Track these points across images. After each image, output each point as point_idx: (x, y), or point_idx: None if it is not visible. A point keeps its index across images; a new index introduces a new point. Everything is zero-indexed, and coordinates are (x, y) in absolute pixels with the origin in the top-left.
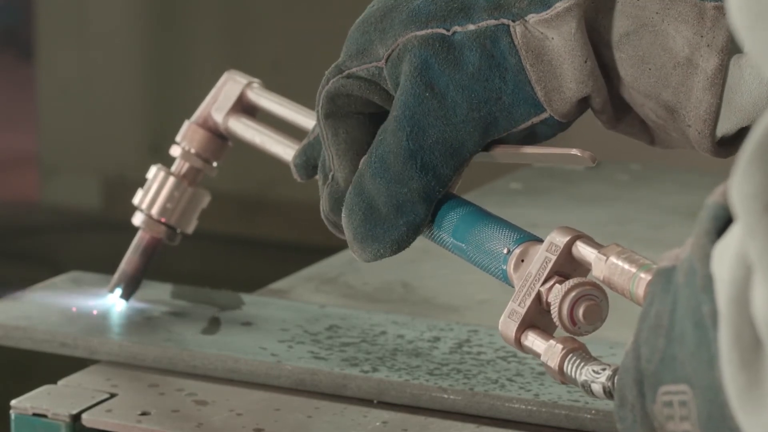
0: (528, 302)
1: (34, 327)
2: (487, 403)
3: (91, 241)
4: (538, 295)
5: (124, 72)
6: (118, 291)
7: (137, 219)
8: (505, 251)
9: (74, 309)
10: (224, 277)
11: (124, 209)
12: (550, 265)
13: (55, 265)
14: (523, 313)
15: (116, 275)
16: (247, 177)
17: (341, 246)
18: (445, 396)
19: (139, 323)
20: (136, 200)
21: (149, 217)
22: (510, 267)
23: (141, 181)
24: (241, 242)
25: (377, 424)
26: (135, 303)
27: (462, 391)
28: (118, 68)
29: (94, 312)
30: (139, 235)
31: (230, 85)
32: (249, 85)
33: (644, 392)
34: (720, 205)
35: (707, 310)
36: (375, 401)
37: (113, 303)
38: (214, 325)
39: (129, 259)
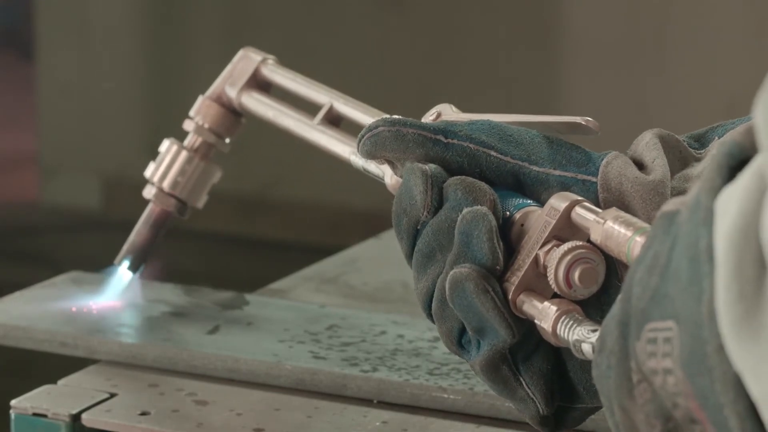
0: (526, 265)
1: (34, 327)
2: (487, 403)
3: (91, 241)
4: (536, 258)
5: (124, 72)
6: (126, 263)
7: (148, 192)
8: (506, 215)
9: (74, 309)
10: (224, 277)
11: (124, 209)
12: (549, 229)
13: (55, 265)
14: (520, 276)
15: (125, 247)
16: (247, 177)
17: (341, 246)
18: (445, 396)
19: (139, 323)
20: (147, 173)
21: (160, 190)
22: (510, 231)
23: (141, 181)
24: (241, 242)
25: (377, 424)
26: (135, 303)
27: (462, 391)
28: (118, 68)
29: (94, 312)
30: (149, 207)
31: (245, 61)
32: (264, 61)
33: (628, 333)
34: (738, 144)
35: (704, 244)
36: (375, 401)
37: (121, 275)
38: (214, 325)
39: (138, 231)
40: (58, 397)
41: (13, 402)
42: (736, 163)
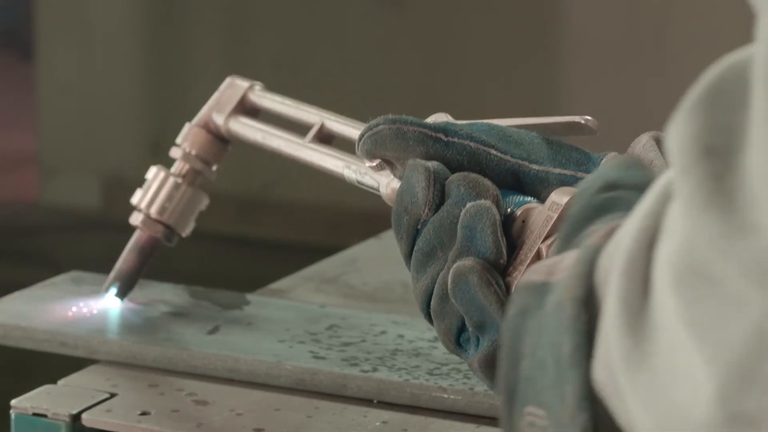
0: (528, 259)
1: (34, 327)
2: (487, 403)
3: (91, 241)
4: (539, 252)
5: (124, 72)
6: (113, 290)
7: (135, 218)
8: (507, 211)
9: (74, 309)
10: (224, 277)
11: (124, 209)
12: (551, 223)
13: (55, 265)
14: (523, 270)
15: (112, 274)
16: (247, 177)
17: (341, 246)
18: (445, 396)
19: (139, 323)
20: (134, 200)
21: (147, 216)
22: (511, 228)
23: (141, 181)
24: (241, 242)
25: (377, 424)
26: (135, 303)
27: (462, 391)
28: (118, 68)
29: (94, 312)
30: (136, 234)
31: (232, 88)
32: (251, 87)
33: (513, 403)
34: (596, 248)
35: (567, 350)
36: (375, 401)
37: (108, 302)
38: (214, 325)
39: (125, 258)
40: (58, 397)
41: (13, 402)
42: (593, 267)
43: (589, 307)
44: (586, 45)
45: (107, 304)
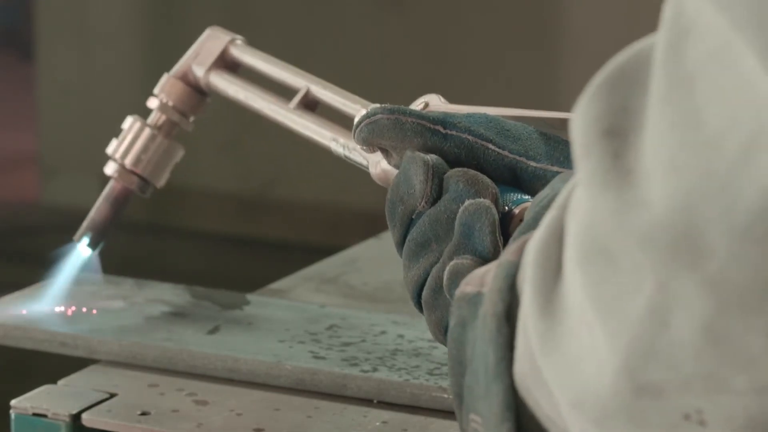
0: None
1: (34, 327)
2: None
3: None
4: None
5: (124, 72)
6: (85, 240)
7: (109, 168)
8: (505, 209)
9: (74, 309)
10: (224, 277)
11: (124, 209)
12: None
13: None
14: None
15: (84, 224)
16: (248, 177)
17: (341, 246)
18: (445, 396)
19: (139, 323)
20: (109, 150)
21: (122, 166)
22: (509, 226)
23: None
24: (242, 242)
25: (377, 424)
26: (135, 303)
27: None
28: (118, 68)
29: (94, 312)
30: (110, 184)
31: (212, 40)
32: (232, 41)
33: (461, 407)
34: (513, 264)
35: (491, 361)
36: (375, 401)
37: (80, 251)
38: (214, 325)
39: (99, 209)
40: (58, 397)
41: (13, 402)
42: (513, 281)
43: (511, 320)
44: (586, 45)
45: (79, 255)
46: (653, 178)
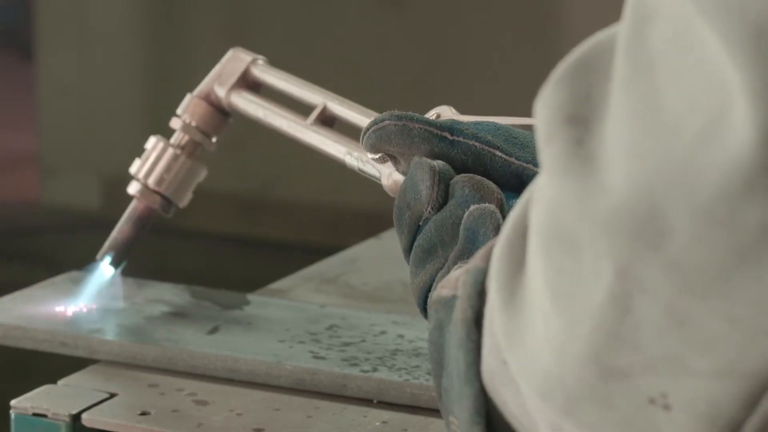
0: None
1: (34, 327)
2: None
3: (91, 241)
4: None
5: (124, 72)
6: (108, 259)
7: (132, 188)
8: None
9: (74, 309)
10: (224, 277)
11: (124, 209)
12: None
13: (55, 265)
14: None
15: (107, 243)
16: (248, 177)
17: (341, 246)
18: None
19: (139, 323)
20: (132, 169)
21: (145, 186)
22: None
23: None
24: (242, 242)
25: (377, 424)
26: (135, 303)
27: None
28: (118, 68)
29: (94, 311)
30: (133, 204)
31: (235, 61)
32: (254, 61)
33: (443, 413)
34: (480, 269)
35: (462, 365)
36: (375, 401)
37: (103, 270)
38: (214, 325)
39: (121, 228)
40: (58, 397)
41: (13, 402)
42: (481, 287)
43: (480, 325)
44: None
45: (101, 275)
46: (615, 164)
